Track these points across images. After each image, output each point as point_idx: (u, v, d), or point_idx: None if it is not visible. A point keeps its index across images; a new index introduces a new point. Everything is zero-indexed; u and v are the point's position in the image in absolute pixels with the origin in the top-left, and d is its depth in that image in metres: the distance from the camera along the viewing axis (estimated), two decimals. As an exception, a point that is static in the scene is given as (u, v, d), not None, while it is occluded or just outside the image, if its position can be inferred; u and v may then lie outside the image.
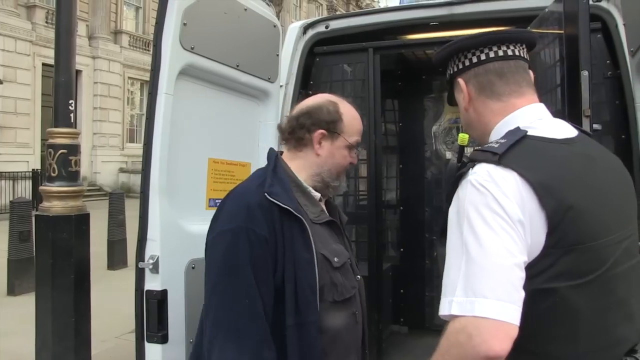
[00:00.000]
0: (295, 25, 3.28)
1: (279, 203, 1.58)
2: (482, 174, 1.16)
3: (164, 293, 2.07)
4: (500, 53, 1.35)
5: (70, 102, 3.53)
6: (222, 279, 1.55)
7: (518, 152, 1.19)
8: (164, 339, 2.05)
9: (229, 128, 2.53)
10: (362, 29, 3.22)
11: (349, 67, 3.44)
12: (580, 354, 1.17)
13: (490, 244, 1.10)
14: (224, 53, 2.37)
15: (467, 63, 1.38)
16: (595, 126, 1.76)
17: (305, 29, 3.24)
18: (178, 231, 2.16)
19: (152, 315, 2.05)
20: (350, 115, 1.78)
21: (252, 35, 2.55)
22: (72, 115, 3.53)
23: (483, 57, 1.36)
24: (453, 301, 1.10)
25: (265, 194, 1.59)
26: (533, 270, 1.14)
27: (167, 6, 2.09)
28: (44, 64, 18.09)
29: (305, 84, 3.25)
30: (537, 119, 1.32)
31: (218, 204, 2.10)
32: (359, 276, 1.81)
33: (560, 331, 1.17)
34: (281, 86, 2.93)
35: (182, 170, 2.23)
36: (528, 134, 1.24)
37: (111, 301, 5.90)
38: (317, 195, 1.76)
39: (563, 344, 1.17)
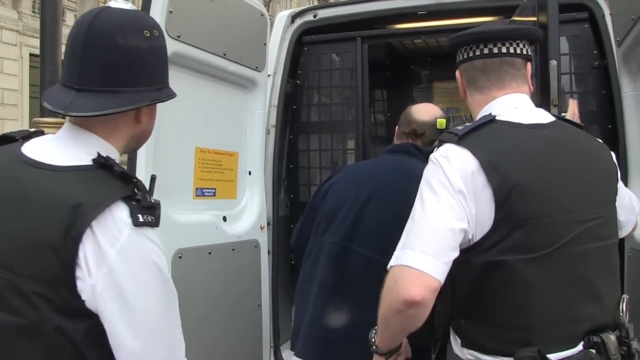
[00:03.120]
0: (283, 14, 3.26)
1: None
2: (441, 151, 1.31)
3: (150, 282, 2.06)
4: (486, 51, 1.45)
5: (56, 91, 3.49)
6: None
7: (477, 134, 1.32)
8: (150, 328, 2.05)
9: (216, 117, 2.52)
10: (350, 18, 3.20)
11: (337, 56, 3.42)
12: (534, 325, 1.23)
13: (430, 209, 1.23)
14: (210, 41, 2.36)
15: (460, 58, 1.52)
16: (564, 114, 1.81)
17: (293, 18, 3.22)
18: (164, 220, 2.10)
19: (138, 304, 2.04)
20: None
21: (239, 24, 2.53)
22: (58, 104, 3.50)
23: (470, 54, 1.48)
24: (394, 255, 1.24)
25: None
26: (486, 243, 1.24)
27: (152, -7, 2.08)
28: (31, 54, 17.86)
29: (293, 74, 3.23)
30: (512, 107, 1.41)
31: (205, 193, 2.30)
32: None
33: (513, 303, 1.25)
34: (269, 75, 2.92)
35: (168, 159, 2.23)
36: (496, 119, 1.36)
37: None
38: None
39: (517, 315, 1.24)
